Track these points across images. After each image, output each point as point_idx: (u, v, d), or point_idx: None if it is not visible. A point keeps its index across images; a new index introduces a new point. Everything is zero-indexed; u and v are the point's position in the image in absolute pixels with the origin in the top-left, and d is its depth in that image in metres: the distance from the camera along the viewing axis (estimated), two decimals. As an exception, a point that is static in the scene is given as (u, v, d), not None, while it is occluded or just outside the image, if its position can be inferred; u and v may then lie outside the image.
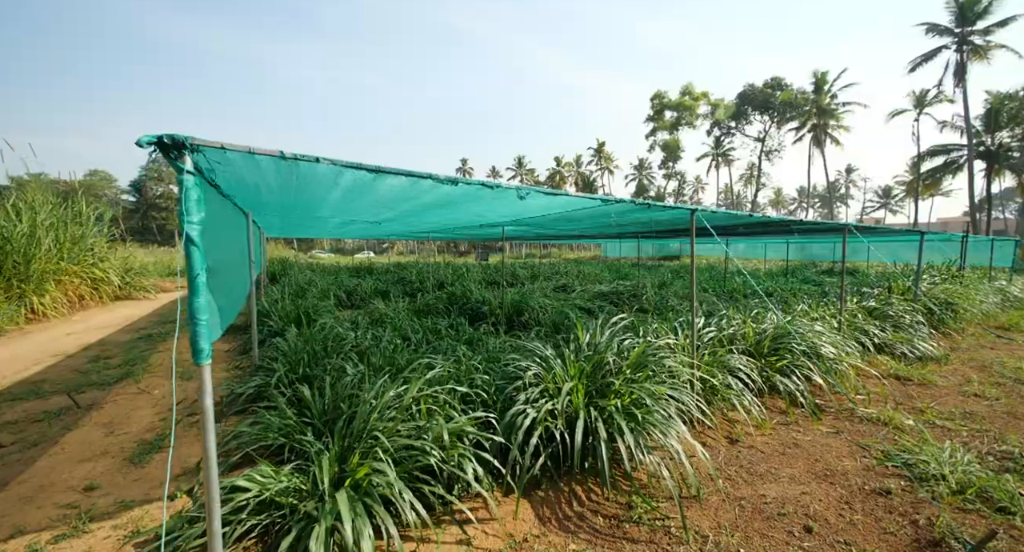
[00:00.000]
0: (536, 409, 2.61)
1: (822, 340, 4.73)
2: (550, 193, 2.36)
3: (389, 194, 2.80)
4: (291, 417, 2.78)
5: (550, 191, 2.39)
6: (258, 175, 2.14)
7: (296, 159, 1.61)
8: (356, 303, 9.08)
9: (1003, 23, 25.08)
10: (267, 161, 1.81)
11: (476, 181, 2.16)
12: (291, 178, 2.25)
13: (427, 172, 2.01)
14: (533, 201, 3.02)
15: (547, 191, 2.39)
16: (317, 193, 2.83)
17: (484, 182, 2.19)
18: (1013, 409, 4.11)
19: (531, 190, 2.31)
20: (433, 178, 2.02)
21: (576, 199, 2.81)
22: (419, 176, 1.99)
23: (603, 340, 3.56)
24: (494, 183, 2.20)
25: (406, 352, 4.21)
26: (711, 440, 3.41)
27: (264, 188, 2.59)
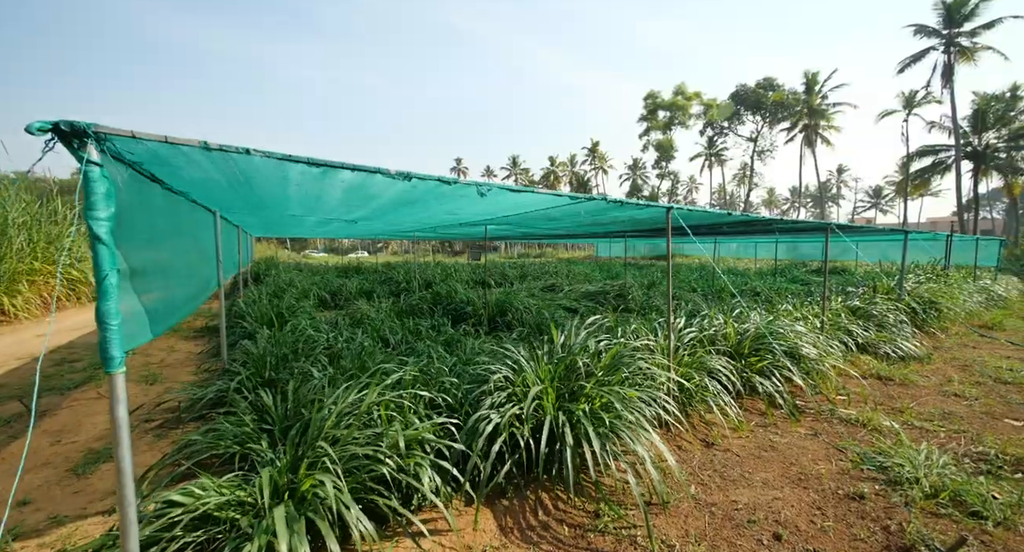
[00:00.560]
0: (500, 414, 2.51)
1: (803, 340, 4.69)
2: (513, 189, 2.27)
3: (347, 190, 2.69)
4: (248, 424, 2.66)
5: (514, 187, 2.30)
6: (198, 169, 2.02)
7: (223, 150, 1.50)
8: (340, 303, 8.93)
9: (989, 25, 25.37)
10: (199, 153, 1.70)
11: (433, 176, 2.06)
12: (234, 172, 2.13)
13: (377, 166, 1.91)
14: (501, 199, 2.92)
15: (511, 187, 2.29)
16: (269, 189, 2.72)
17: (441, 177, 2.09)
18: (991, 409, 4.08)
19: (493, 186, 2.21)
20: (383, 172, 1.92)
21: (545, 197, 2.71)
22: (368, 170, 1.89)
23: (577, 342, 3.48)
24: (452, 179, 2.10)
25: (380, 354, 4.10)
26: (687, 443, 3.34)
27: (214, 183, 2.48)
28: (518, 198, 2.86)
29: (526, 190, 2.37)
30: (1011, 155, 26.20)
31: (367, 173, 1.94)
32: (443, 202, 3.21)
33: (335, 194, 2.83)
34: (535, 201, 3.07)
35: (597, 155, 56.58)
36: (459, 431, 2.61)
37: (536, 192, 2.45)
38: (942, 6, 26.32)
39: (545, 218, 4.71)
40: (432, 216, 4.67)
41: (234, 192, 2.97)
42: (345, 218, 4.89)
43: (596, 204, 3.22)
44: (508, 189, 2.29)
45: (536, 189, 2.46)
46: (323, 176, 2.15)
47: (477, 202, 3.32)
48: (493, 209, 3.76)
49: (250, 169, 1.99)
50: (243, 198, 3.22)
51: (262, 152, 1.57)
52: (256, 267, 12.49)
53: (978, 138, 27.35)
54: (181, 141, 1.40)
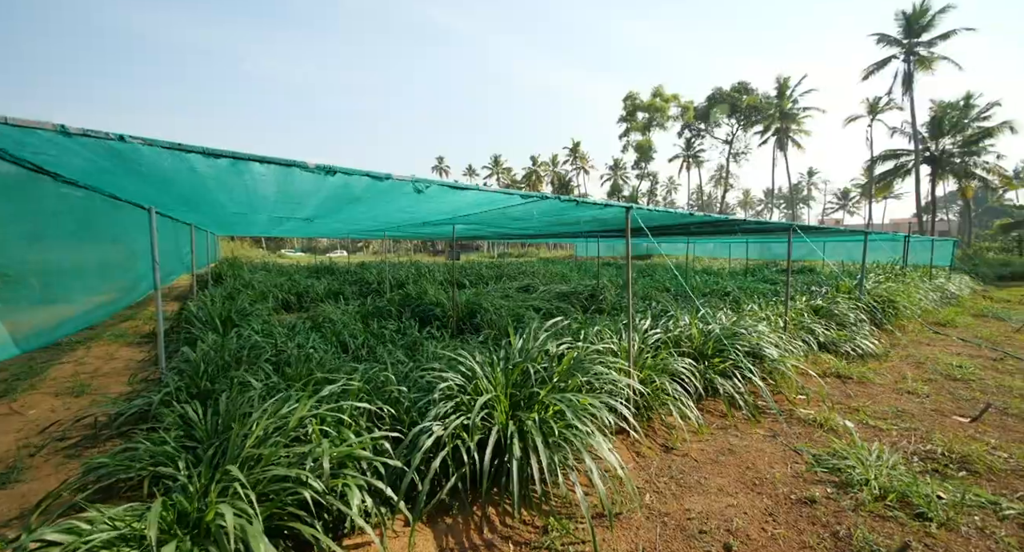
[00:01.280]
0: (444, 426, 2.37)
1: (766, 341, 4.72)
2: (456, 187, 2.12)
3: (278, 186, 2.49)
4: (169, 442, 2.43)
5: (457, 184, 2.15)
6: (85, 159, 1.79)
7: (89, 135, 1.29)
8: (306, 305, 8.58)
9: (945, 36, 26.74)
10: (75, 145, 1.48)
11: (360, 171, 1.89)
12: (123, 163, 1.90)
13: (293, 159, 1.73)
14: (454, 197, 2.77)
15: (453, 184, 2.15)
16: (186, 184, 2.48)
17: (371, 173, 1.93)
18: (940, 406, 4.19)
19: (433, 183, 2.05)
20: (301, 166, 1.74)
21: (494, 195, 2.58)
22: (281, 163, 1.71)
23: (535, 346, 3.36)
24: (384, 174, 1.94)
25: (335, 361, 3.88)
26: (647, 448, 3.27)
27: (139, 177, 2.23)
28: (465, 196, 2.71)
29: (470, 187, 2.23)
30: (965, 160, 27.70)
31: (284, 167, 1.76)
32: (390, 200, 3.04)
33: (267, 190, 2.62)
34: (485, 199, 2.94)
35: (578, 155, 56.93)
36: (401, 445, 2.45)
37: (481, 190, 2.31)
38: (902, 17, 27.57)
39: (509, 218, 4.58)
40: (388, 215, 4.47)
41: (159, 187, 2.71)
42: (296, 216, 4.63)
43: (552, 204, 3.11)
44: (450, 186, 2.14)
45: (482, 187, 2.32)
46: (235, 169, 1.95)
47: (431, 201, 3.16)
48: (449, 208, 3.60)
49: (135, 158, 1.77)
50: (169, 194, 2.96)
51: (142, 139, 1.37)
52: (219, 267, 11.91)
53: (935, 143, 28.81)
54: (29, 123, 1.19)
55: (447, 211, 3.80)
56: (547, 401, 2.73)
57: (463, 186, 2.20)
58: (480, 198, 2.82)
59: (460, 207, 3.48)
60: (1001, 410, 4.10)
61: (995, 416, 3.98)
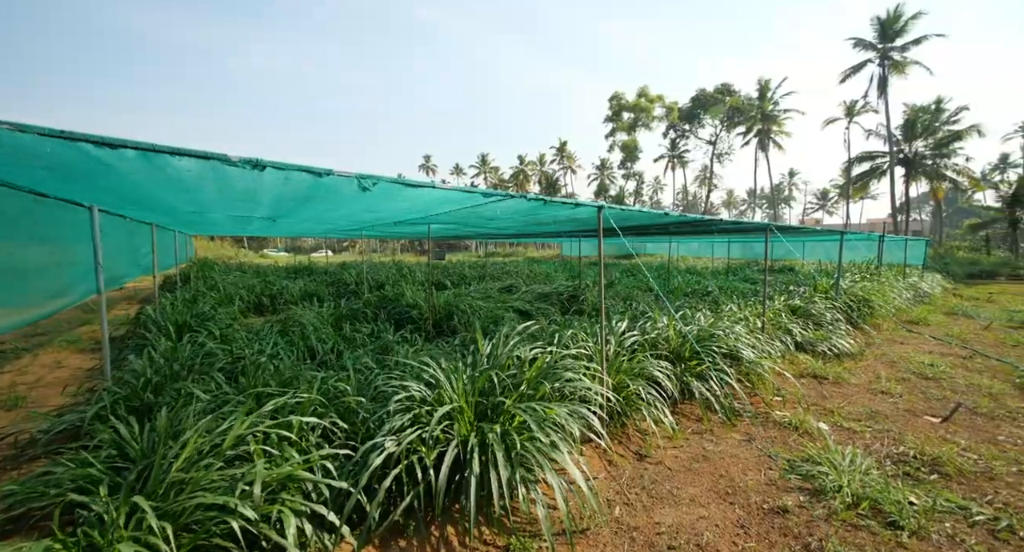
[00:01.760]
0: (398, 442, 2.20)
1: (743, 342, 4.68)
2: (405, 183, 1.96)
3: (217, 183, 2.28)
4: (94, 464, 2.20)
5: (409, 181, 1.99)
6: None
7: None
8: (279, 308, 8.27)
9: (917, 41, 27.60)
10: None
11: (296, 165, 1.71)
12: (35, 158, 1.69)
13: (213, 152, 1.55)
14: (409, 194, 2.61)
15: (405, 181, 1.98)
16: (112, 178, 2.25)
17: (309, 168, 1.75)
18: (913, 406, 4.21)
19: (380, 179, 1.89)
20: (221, 159, 1.55)
21: (452, 193, 2.42)
22: (198, 155, 1.52)
23: (504, 352, 3.22)
24: (324, 169, 1.77)
25: (295, 368, 3.67)
26: (619, 456, 3.16)
27: (27, 170, 2.00)
28: (422, 194, 2.55)
29: (424, 184, 2.07)
30: (936, 162, 28.67)
31: (202, 159, 1.57)
32: (347, 198, 2.85)
33: (205, 187, 2.41)
34: (444, 197, 2.77)
35: (565, 155, 57.05)
36: (351, 462, 2.28)
37: (439, 187, 2.16)
38: (877, 22, 28.34)
39: (482, 217, 4.43)
40: (354, 214, 4.26)
41: (88, 183, 2.48)
42: (255, 215, 4.39)
43: (518, 202, 2.97)
44: (402, 183, 1.98)
45: (440, 184, 2.16)
46: (152, 164, 1.75)
47: (392, 199, 2.98)
48: (414, 206, 3.43)
49: (40, 151, 1.55)
50: (106, 191, 2.71)
51: (9, 124, 1.17)
52: (189, 269, 11.43)
53: (909, 146, 29.73)
54: None
55: (415, 210, 3.62)
56: (513, 411, 2.59)
57: (416, 183, 2.04)
58: (438, 196, 2.66)
59: (427, 206, 3.31)
60: (971, 409, 4.13)
61: (965, 416, 4.00)
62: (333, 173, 1.76)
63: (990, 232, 25.85)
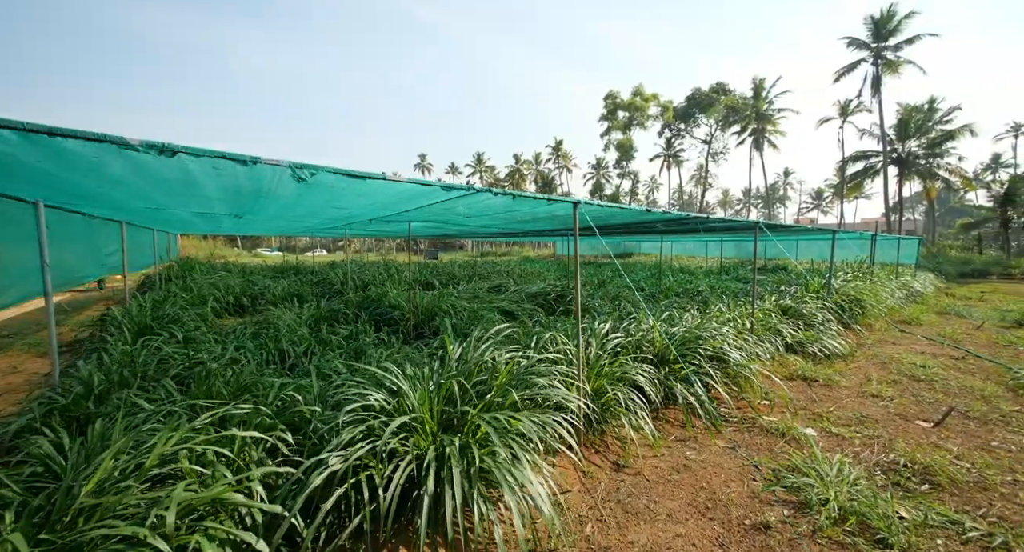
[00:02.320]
0: (345, 458, 2.02)
1: (730, 344, 4.52)
2: (350, 174, 1.76)
3: (133, 174, 2.08)
4: (10, 486, 2.00)
5: (350, 172, 1.79)
6: None
7: None
8: (259, 308, 8.04)
9: (910, 41, 27.62)
10: None
11: (213, 151, 1.52)
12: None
13: (105, 134, 1.35)
14: (362, 187, 2.42)
15: (346, 172, 1.79)
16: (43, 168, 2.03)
17: (229, 154, 1.56)
18: (904, 410, 4.07)
19: (319, 169, 1.70)
20: (118, 142, 1.36)
21: (410, 186, 2.24)
22: (94, 138, 1.33)
23: (474, 356, 3.04)
24: (249, 157, 1.57)
25: (255, 373, 3.47)
26: (595, 466, 2.99)
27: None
28: (381, 187, 2.36)
29: (373, 176, 1.88)
30: (929, 161, 28.74)
31: (96, 142, 1.38)
32: (301, 193, 2.66)
33: (129, 179, 2.20)
34: (403, 191, 2.58)
35: (561, 153, 56.89)
36: (290, 482, 2.08)
37: (392, 180, 1.97)
38: (871, 21, 28.35)
39: (459, 215, 4.25)
40: (320, 210, 4.05)
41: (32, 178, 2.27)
42: (216, 212, 4.18)
43: (489, 199, 2.79)
44: (346, 174, 1.79)
45: (392, 176, 1.97)
46: (47, 150, 1.56)
47: (351, 194, 2.79)
48: (374, 202, 3.23)
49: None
50: (44, 184, 2.51)
51: None
52: (168, 268, 11.15)
53: (902, 145, 29.79)
54: None
55: (381, 206, 3.43)
56: (477, 421, 2.41)
57: (363, 174, 1.85)
58: (399, 189, 2.47)
59: (390, 201, 3.11)
60: (963, 413, 4.00)
61: (957, 420, 3.87)
62: (261, 161, 1.57)
63: (982, 231, 25.96)
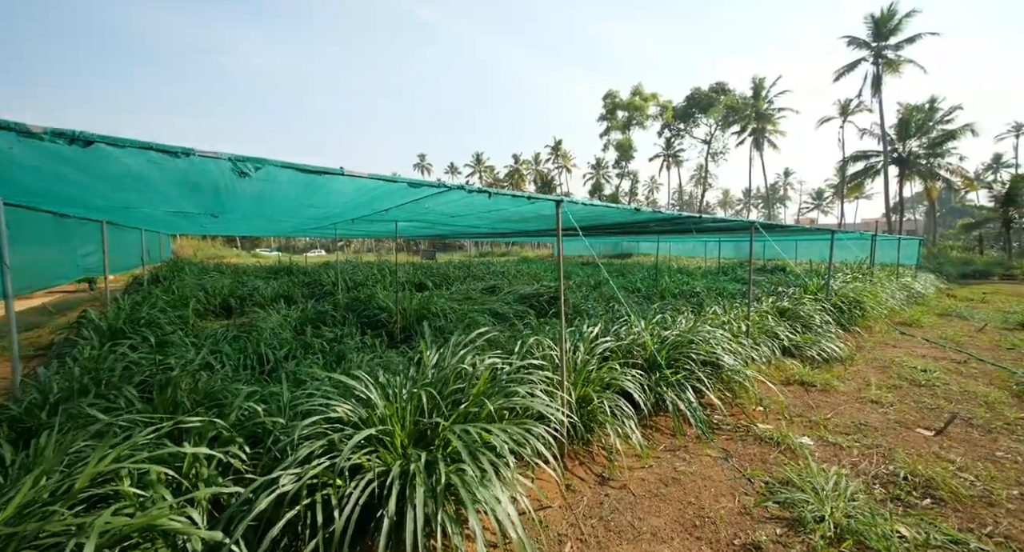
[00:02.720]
0: (298, 476, 1.87)
1: (724, 348, 4.37)
2: (296, 168, 1.61)
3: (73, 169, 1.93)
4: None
5: (308, 167, 1.64)
6: None
7: None
8: (247, 310, 7.90)
9: (911, 40, 27.46)
10: None
11: (136, 142, 1.38)
12: None
13: (16, 121, 1.20)
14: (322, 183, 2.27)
15: (296, 165, 1.64)
16: None
17: (156, 145, 1.41)
18: (905, 417, 3.91)
19: (264, 162, 1.54)
20: (27, 133, 1.21)
21: (370, 182, 2.09)
22: (10, 128, 1.18)
23: (451, 362, 2.89)
24: (181, 149, 1.42)
25: (225, 380, 3.32)
26: (579, 479, 2.84)
27: None
28: (348, 184, 2.21)
29: (329, 171, 1.73)
30: (930, 161, 28.57)
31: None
32: (259, 190, 2.51)
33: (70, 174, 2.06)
34: (369, 187, 2.43)
35: (560, 153, 56.74)
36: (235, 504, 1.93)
37: (346, 174, 1.81)
38: (871, 20, 28.19)
39: (443, 214, 4.10)
40: (294, 209, 3.90)
41: None
42: (187, 211, 4.04)
43: (468, 197, 2.65)
44: (296, 168, 1.64)
45: (351, 171, 1.82)
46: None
47: (329, 194, 2.65)
48: (342, 200, 3.08)
49: None
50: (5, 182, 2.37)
51: None
52: (157, 269, 11.00)
53: (903, 145, 29.62)
54: None
55: (352, 204, 3.28)
56: (447, 435, 2.26)
57: (318, 169, 1.69)
58: (357, 186, 2.32)
59: (360, 198, 2.96)
60: (966, 421, 3.85)
61: (960, 428, 3.72)
62: (195, 153, 1.42)
63: (983, 232, 25.78)
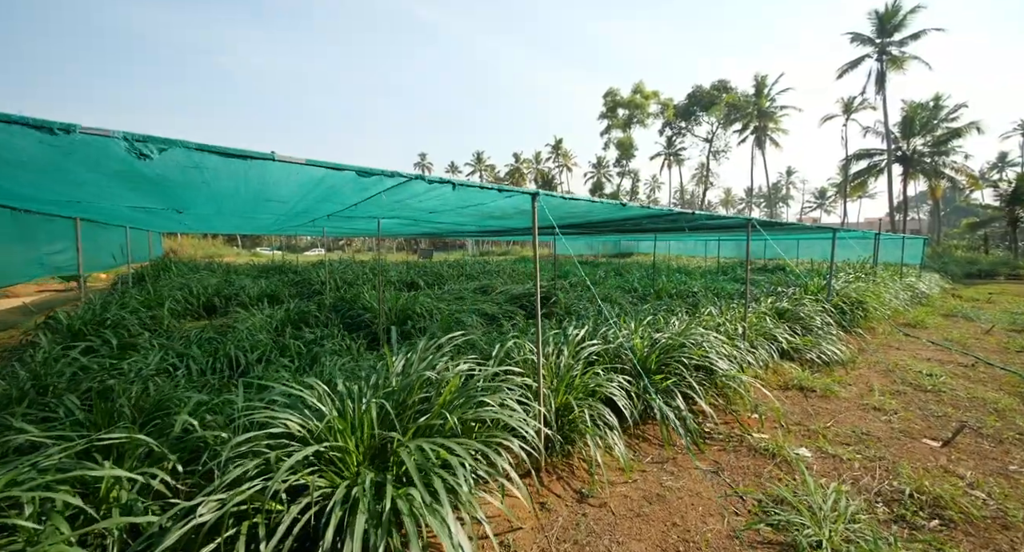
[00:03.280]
0: (222, 502, 1.65)
1: (718, 352, 4.14)
2: (215, 150, 1.39)
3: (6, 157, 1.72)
4: None
5: (215, 148, 1.41)
6: None
7: None
8: (231, 310, 7.70)
9: (916, 36, 27.05)
10: None
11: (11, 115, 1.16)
12: None
13: None
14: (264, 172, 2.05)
15: (211, 148, 1.42)
16: None
17: (25, 119, 1.19)
18: (909, 426, 3.68)
19: (171, 143, 1.32)
20: None
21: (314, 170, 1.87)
22: None
23: (420, 368, 2.67)
24: (62, 124, 1.20)
25: (177, 388, 3.11)
26: (556, 496, 2.62)
27: None
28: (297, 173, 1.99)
29: (260, 155, 1.52)
30: (934, 160, 28.16)
31: None
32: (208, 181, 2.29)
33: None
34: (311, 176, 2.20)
35: (561, 152, 56.45)
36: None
37: (281, 160, 1.58)
38: (875, 16, 27.79)
39: (420, 210, 3.88)
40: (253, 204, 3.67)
41: None
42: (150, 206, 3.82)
43: (420, 187, 2.42)
44: (215, 151, 1.42)
45: (283, 155, 1.60)
46: None
47: (278, 185, 2.43)
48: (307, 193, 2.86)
49: None
50: None
51: None
52: (142, 268, 10.81)
53: (907, 143, 29.21)
54: None
55: (316, 198, 3.05)
56: (403, 454, 2.03)
57: (241, 152, 1.47)
58: (295, 175, 2.11)
59: (326, 193, 2.75)
60: (975, 430, 3.61)
61: (969, 438, 3.48)
62: (76, 130, 1.20)
63: (988, 231, 25.39)
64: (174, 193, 2.85)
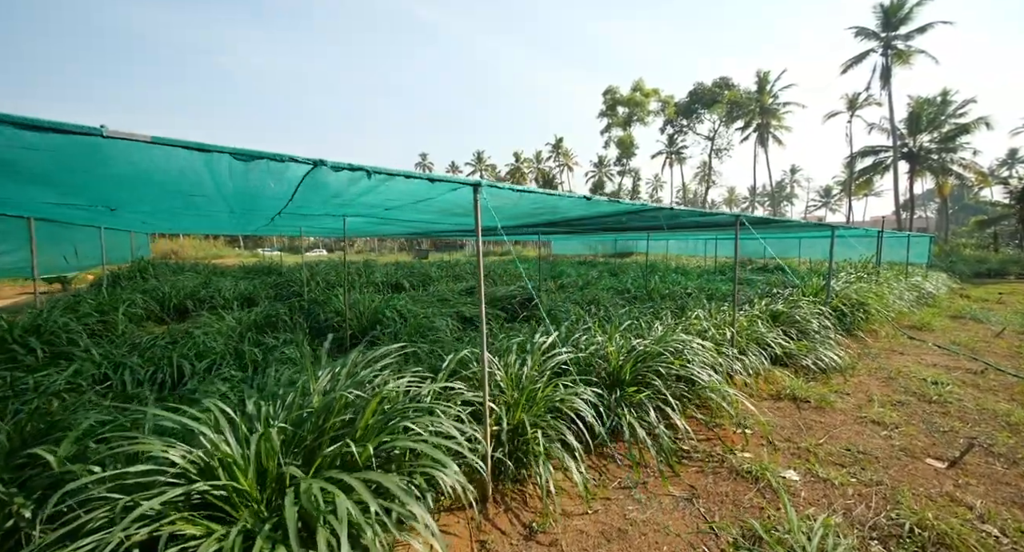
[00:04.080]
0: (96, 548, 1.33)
1: (701, 360, 3.79)
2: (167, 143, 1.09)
3: None
4: None
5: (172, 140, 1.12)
6: None
7: None
8: (200, 313, 7.43)
9: (922, 29, 26.42)
10: None
11: None
12: None
13: None
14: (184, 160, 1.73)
15: (99, 131, 1.12)
16: None
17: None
18: (911, 443, 3.31)
19: (79, 129, 1.02)
20: None
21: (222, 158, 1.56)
22: None
23: (345, 384, 2.34)
24: None
25: (76, 405, 2.81)
26: (500, 532, 2.29)
27: None
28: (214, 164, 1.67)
29: (88, 130, 1.21)
30: (942, 156, 27.51)
31: None
32: (125, 174, 1.98)
33: None
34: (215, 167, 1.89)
35: (561, 151, 56.04)
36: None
37: (192, 147, 1.27)
38: (880, 9, 27.19)
39: (382, 207, 3.56)
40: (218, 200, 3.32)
41: None
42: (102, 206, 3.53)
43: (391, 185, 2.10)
44: (12, 122, 1.13)
45: (116, 133, 1.29)
46: None
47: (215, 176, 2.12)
48: (244, 187, 2.54)
49: None
50: None
51: None
52: (119, 269, 10.57)
53: (913, 140, 28.57)
54: None
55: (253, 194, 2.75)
56: (306, 489, 1.71)
57: (66, 126, 1.17)
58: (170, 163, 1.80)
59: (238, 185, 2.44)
60: (985, 448, 3.24)
61: (979, 457, 3.11)
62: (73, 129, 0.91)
63: (998, 229, 24.75)
64: (85, 187, 2.53)
